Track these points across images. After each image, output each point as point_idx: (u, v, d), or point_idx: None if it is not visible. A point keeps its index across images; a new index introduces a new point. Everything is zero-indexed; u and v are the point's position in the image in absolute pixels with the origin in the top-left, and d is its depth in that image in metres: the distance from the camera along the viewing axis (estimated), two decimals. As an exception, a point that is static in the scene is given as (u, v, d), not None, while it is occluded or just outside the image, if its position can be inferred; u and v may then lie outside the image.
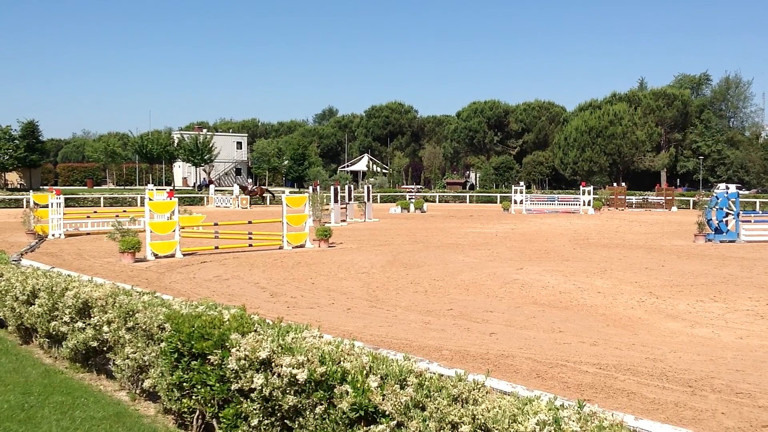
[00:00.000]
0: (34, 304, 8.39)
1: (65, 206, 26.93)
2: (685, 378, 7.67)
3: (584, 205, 45.65)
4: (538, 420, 3.58)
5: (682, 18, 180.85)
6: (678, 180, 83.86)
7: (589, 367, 8.06)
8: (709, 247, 23.14)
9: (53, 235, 25.03)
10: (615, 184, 57.32)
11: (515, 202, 46.82)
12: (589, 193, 46.10)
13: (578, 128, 77.34)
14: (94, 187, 78.08)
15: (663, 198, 52.61)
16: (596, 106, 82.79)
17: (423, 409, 4.04)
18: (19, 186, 71.80)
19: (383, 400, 4.15)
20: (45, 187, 62.97)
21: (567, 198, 49.42)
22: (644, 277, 15.60)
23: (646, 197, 54.85)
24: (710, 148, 79.40)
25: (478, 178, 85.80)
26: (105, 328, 7.02)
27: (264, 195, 55.74)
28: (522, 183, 51.23)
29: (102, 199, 52.51)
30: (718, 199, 25.16)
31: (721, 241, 24.39)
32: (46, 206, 25.71)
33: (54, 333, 8.05)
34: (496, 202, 58.48)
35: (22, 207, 40.61)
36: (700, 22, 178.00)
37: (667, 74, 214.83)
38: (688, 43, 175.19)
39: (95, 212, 31.09)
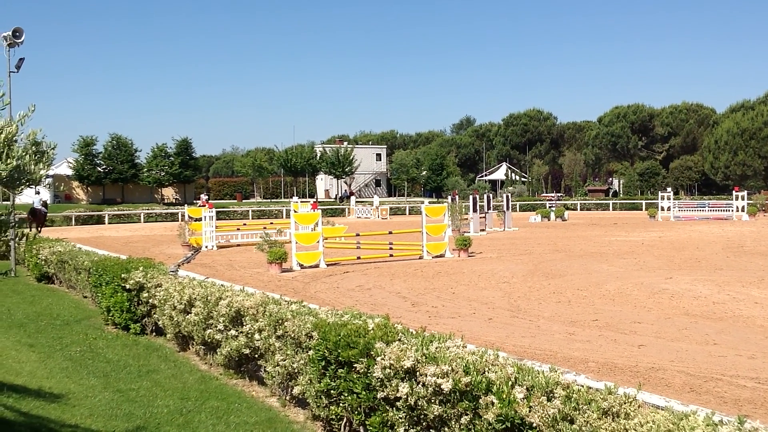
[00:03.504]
0: (191, 313, 8.84)
1: (217, 219, 28.26)
2: None
3: (738, 210, 43.26)
4: (694, 436, 3.43)
5: None
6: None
7: (747, 382, 7.63)
8: None
9: (206, 246, 26.30)
10: (772, 189, 53.99)
11: (662, 209, 44.98)
12: (742, 198, 43.63)
13: (730, 130, 73.37)
14: (243, 201, 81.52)
15: (826, 202, 49.04)
16: (749, 107, 78.27)
17: (572, 422, 3.95)
18: (174, 200, 76.09)
19: (530, 412, 4.10)
20: (198, 201, 66.35)
21: (719, 204, 46.97)
22: (808, 287, 14.60)
23: (806, 202, 51.31)
24: None
25: (621, 185, 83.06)
26: (256, 336, 7.30)
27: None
28: (669, 189, 49.21)
29: (250, 211, 54.77)
30: None
31: None
32: (200, 219, 27.05)
33: (209, 340, 8.46)
34: (642, 209, 56.37)
35: (178, 221, 42.96)
36: None
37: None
38: None
39: (244, 224, 32.45)
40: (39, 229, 32.86)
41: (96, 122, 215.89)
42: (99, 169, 74.07)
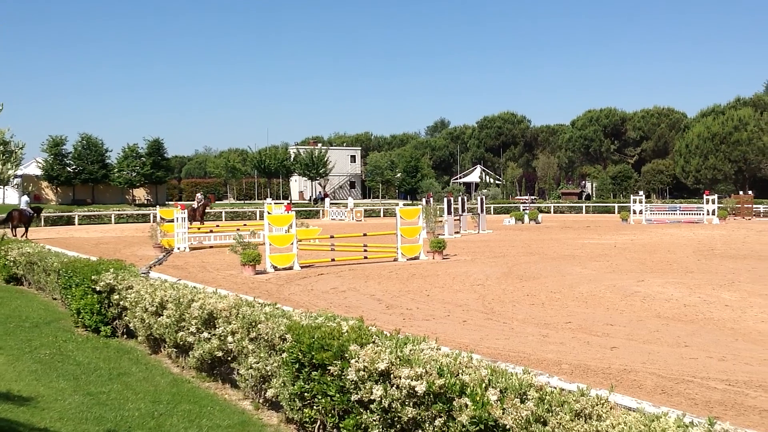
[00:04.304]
0: (163, 315, 8.75)
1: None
2: (824, 397, 7.23)
3: (708, 214, 43.82)
4: (666, 438, 3.45)
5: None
6: (811, 187, 79.18)
7: (717, 384, 7.71)
8: None
9: (179, 248, 26.10)
10: (741, 193, 54.77)
11: (634, 212, 45.44)
12: (713, 202, 44.21)
13: (700, 135, 74.24)
14: (216, 202, 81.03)
15: (794, 206, 49.85)
16: (719, 111, 79.23)
17: (545, 424, 3.96)
18: (146, 201, 75.45)
19: (503, 414, 4.11)
20: (170, 203, 65.86)
21: (690, 207, 47.56)
22: (776, 290, 14.80)
23: (775, 205, 52.11)
24: None
25: (594, 188, 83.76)
26: (229, 339, 7.24)
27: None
28: (641, 192, 49.70)
29: (223, 213, 54.44)
30: None
31: None
32: (172, 221, 26.83)
33: (181, 343, 8.38)
34: (614, 213, 56.89)
35: (149, 222, 42.58)
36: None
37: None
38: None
39: (217, 226, 32.29)
40: (23, 229, 32.76)
41: (66, 122, 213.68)
42: (69, 169, 73.28)
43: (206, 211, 35.62)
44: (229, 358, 7.50)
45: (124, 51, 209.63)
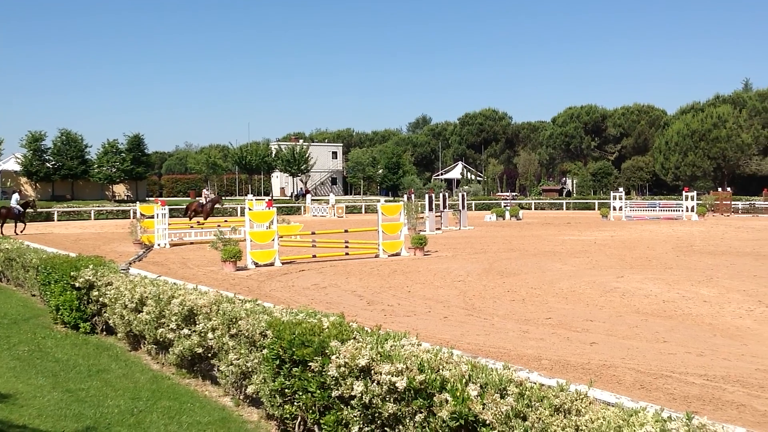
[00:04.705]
0: (142, 312, 8.71)
1: (170, 217, 27.90)
2: (800, 391, 7.32)
3: (687, 211, 44.13)
4: (644, 432, 3.48)
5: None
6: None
7: (696, 379, 7.78)
8: (824, 253, 21.97)
9: (159, 244, 25.94)
10: (720, 189, 55.23)
11: (614, 209, 45.68)
12: (692, 199, 44.52)
13: (680, 132, 74.75)
14: (197, 198, 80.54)
15: (772, 203, 50.34)
16: (699, 108, 79.84)
17: (524, 419, 3.98)
18: (126, 197, 74.94)
19: (483, 409, 4.12)
20: (150, 199, 65.50)
21: (669, 204, 47.85)
22: (753, 286, 14.94)
23: (753, 202, 52.60)
24: (823, 149, 75.41)
25: (574, 185, 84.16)
26: (210, 335, 7.22)
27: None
28: (621, 189, 49.99)
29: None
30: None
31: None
32: (152, 217, 26.68)
33: (161, 339, 8.35)
34: (594, 209, 57.19)
35: (129, 218, 42.30)
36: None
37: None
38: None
39: (198, 222, 32.10)
40: (23, 225, 33.91)
41: (45, 118, 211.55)
42: (48, 165, 72.52)
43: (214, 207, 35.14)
44: (210, 355, 7.48)
45: (104, 47, 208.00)
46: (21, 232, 32.65)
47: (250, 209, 22.11)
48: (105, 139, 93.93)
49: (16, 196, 36.12)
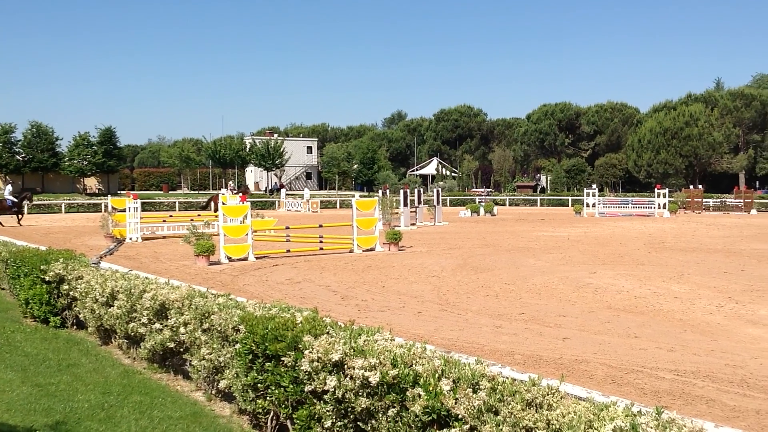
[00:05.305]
0: (113, 306, 8.62)
1: (142, 210, 27.67)
2: (766, 385, 7.41)
3: (659, 208, 44.61)
4: (614, 426, 3.50)
5: (758, 17, 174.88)
6: (757, 182, 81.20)
7: (666, 374, 7.86)
8: (792, 251, 22.30)
9: (131, 238, 25.72)
10: (691, 187, 55.95)
11: (587, 205, 46.08)
12: (664, 196, 45.03)
13: (652, 130, 75.54)
14: (170, 192, 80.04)
15: (742, 201, 51.07)
16: (671, 107, 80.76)
17: (496, 413, 3.99)
18: (97, 191, 74.22)
19: (456, 403, 4.13)
20: (122, 192, 64.91)
21: (641, 201, 48.35)
22: (723, 282, 15.14)
23: (724, 200, 53.34)
24: (792, 148, 76.63)
25: (548, 181, 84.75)
26: (182, 330, 7.16)
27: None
28: (594, 186, 50.47)
29: (177, 203, 53.81)
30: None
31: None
32: (124, 210, 26.43)
33: (132, 334, 8.27)
34: (568, 206, 57.61)
35: (101, 211, 41.91)
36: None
37: (745, 74, 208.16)
38: (766, 42, 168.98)
39: (171, 216, 31.95)
40: (23, 216, 35.11)
41: (15, 110, 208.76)
42: (18, 157, 71.74)
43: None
44: (182, 350, 7.42)
45: (75, 38, 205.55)
46: (20, 222, 33.93)
47: (223, 203, 22.00)
48: (76, 132, 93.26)
49: (9, 188, 35.89)
